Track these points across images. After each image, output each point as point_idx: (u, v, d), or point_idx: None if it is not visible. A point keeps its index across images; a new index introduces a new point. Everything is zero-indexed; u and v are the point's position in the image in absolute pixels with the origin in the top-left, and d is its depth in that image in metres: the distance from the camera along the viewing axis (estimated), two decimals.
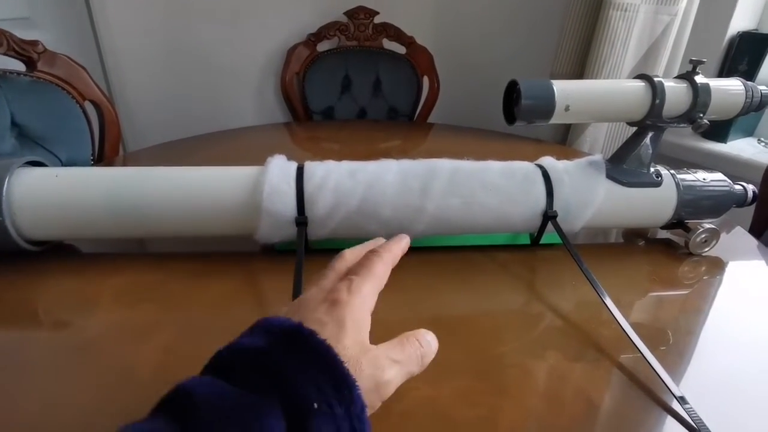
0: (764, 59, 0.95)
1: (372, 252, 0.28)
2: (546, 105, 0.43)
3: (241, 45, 1.24)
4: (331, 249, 0.47)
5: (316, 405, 0.19)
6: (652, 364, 0.33)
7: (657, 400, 0.32)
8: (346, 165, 0.45)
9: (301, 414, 0.18)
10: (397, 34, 1.25)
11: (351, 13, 1.22)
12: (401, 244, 0.31)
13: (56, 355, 0.34)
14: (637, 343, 0.35)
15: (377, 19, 1.23)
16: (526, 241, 0.50)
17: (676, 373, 0.35)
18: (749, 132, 1.04)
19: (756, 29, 1.01)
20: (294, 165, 0.45)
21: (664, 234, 0.55)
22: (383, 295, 0.42)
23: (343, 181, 0.43)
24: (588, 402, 0.31)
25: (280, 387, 0.19)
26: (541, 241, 0.49)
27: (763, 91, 0.47)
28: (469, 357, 0.34)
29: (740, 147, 0.98)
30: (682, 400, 0.31)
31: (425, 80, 1.26)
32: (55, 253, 0.46)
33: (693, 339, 0.39)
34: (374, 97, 1.27)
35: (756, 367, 0.36)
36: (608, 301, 0.38)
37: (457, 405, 0.30)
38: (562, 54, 0.99)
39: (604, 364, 0.35)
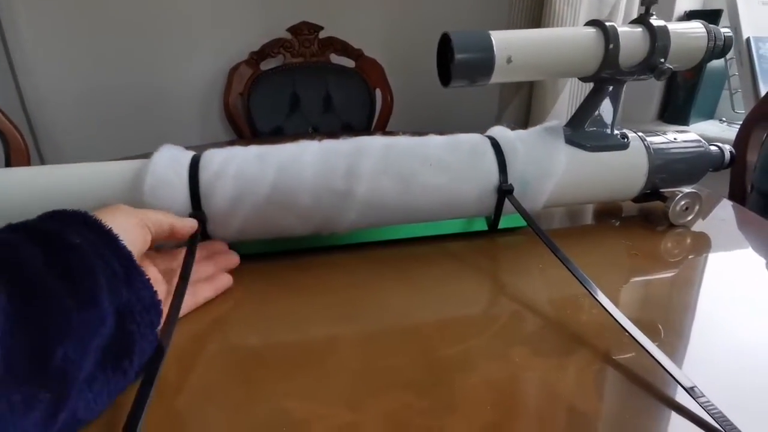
0: None
1: None
2: (484, 58, 0.36)
3: (178, 66, 1.17)
4: (251, 255, 0.38)
5: (78, 240, 0.21)
6: (650, 351, 0.25)
7: (660, 395, 0.24)
8: (255, 149, 0.37)
9: (59, 246, 0.20)
10: (344, 48, 1.20)
11: (294, 30, 1.17)
12: None
13: None
14: (627, 328, 0.27)
15: (322, 34, 1.19)
16: (483, 227, 0.43)
17: (677, 360, 0.27)
18: (709, 114, 1.01)
19: (701, 9, 1.00)
20: (189, 154, 0.36)
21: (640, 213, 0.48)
22: (303, 305, 0.33)
23: (248, 166, 0.35)
24: (571, 410, 0.23)
25: (31, 231, 0.21)
26: (501, 226, 0.42)
27: (726, 34, 0.42)
28: (407, 367, 0.26)
29: (703, 128, 0.95)
30: (693, 392, 0.23)
31: (378, 93, 1.21)
32: None
33: (690, 318, 0.31)
34: (326, 114, 1.20)
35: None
36: (583, 278, 0.31)
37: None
38: None
39: (588, 359, 0.27)
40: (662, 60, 0.39)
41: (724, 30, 0.42)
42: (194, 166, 0.35)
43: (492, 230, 0.42)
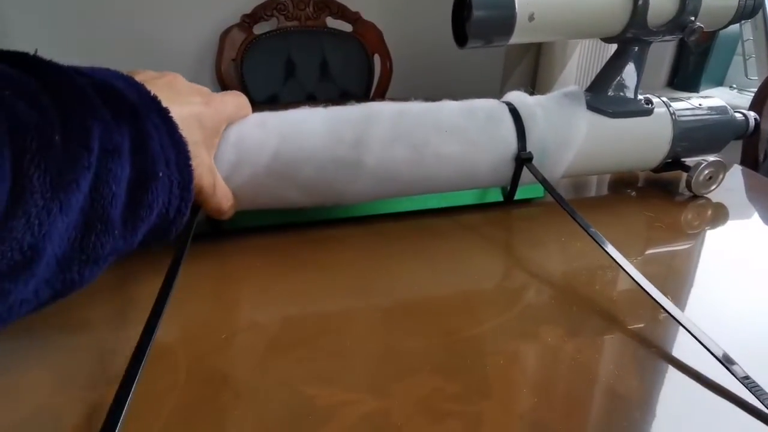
0: None
1: None
2: (504, 15, 0.34)
3: (166, 30, 1.12)
4: (253, 229, 0.35)
5: (160, 174, 0.21)
6: (693, 331, 0.24)
7: (705, 379, 0.23)
8: (255, 116, 0.34)
9: (146, 174, 0.21)
10: (341, 11, 1.15)
11: None
12: None
13: None
14: (664, 305, 0.25)
15: None
16: (499, 197, 0.40)
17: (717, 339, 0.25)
18: (719, 81, 0.98)
19: None
20: None
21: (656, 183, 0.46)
22: (311, 282, 0.32)
23: (249, 132, 0.32)
24: (608, 392, 0.22)
25: (138, 140, 0.21)
26: (517, 197, 0.40)
27: None
28: (433, 348, 0.24)
29: (713, 95, 0.92)
30: (747, 383, 0.22)
31: (376, 58, 1.17)
32: None
33: (728, 295, 0.30)
34: (322, 81, 1.16)
35: None
36: (612, 251, 0.29)
37: (417, 419, 0.20)
38: None
39: (623, 338, 0.25)
40: (692, 18, 0.37)
41: None
42: None
43: (508, 201, 0.40)
